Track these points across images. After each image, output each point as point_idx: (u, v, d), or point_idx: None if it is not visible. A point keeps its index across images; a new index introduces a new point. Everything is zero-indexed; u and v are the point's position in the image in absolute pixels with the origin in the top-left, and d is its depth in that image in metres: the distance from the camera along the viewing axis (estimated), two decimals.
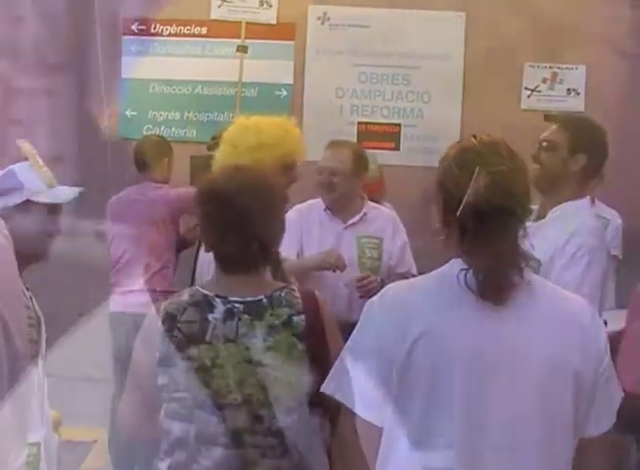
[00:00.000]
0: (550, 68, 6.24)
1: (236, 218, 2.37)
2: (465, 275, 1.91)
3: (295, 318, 2.36)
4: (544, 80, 6.25)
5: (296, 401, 2.33)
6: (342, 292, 3.92)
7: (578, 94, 6.22)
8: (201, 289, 2.42)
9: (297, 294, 2.41)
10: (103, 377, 4.80)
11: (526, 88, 6.25)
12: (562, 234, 2.98)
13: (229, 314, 2.34)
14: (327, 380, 2.05)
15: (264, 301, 2.37)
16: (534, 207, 2.87)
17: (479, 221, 1.90)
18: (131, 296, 5.01)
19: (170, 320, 2.35)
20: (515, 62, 6.15)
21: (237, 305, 2.35)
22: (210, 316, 2.34)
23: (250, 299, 2.37)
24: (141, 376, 2.41)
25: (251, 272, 2.42)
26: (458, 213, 1.90)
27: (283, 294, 2.40)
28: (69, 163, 6.17)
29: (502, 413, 1.90)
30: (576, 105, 6.18)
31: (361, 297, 3.79)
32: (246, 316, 2.34)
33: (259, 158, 3.04)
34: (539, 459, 1.93)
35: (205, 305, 2.36)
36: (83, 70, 6.31)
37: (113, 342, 4.96)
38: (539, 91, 6.25)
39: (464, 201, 1.89)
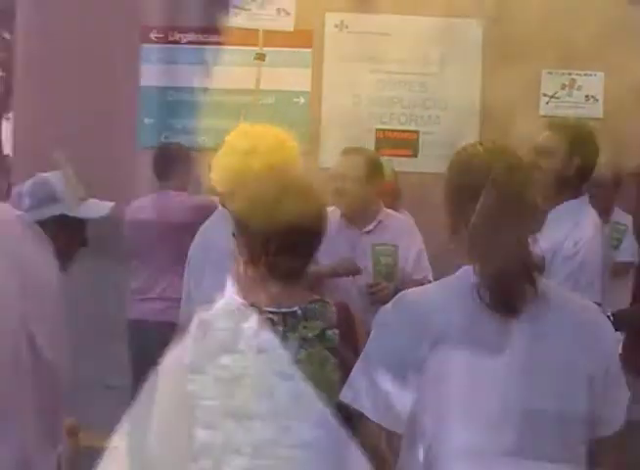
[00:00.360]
0: (568, 74, 6.23)
1: (288, 229, 2.31)
2: (477, 289, 1.91)
3: (328, 332, 2.34)
4: (563, 87, 6.24)
5: (324, 415, 2.29)
6: (355, 299, 3.86)
7: (597, 100, 6.20)
8: (237, 297, 2.39)
9: (333, 307, 2.40)
10: (121, 384, 4.80)
11: (545, 95, 6.24)
12: (562, 230, 3.11)
13: (262, 325, 2.32)
14: (345, 388, 2.05)
15: (299, 312, 2.35)
16: None
17: (489, 232, 1.90)
18: (150, 303, 5.02)
19: (204, 327, 2.34)
20: (533, 68, 6.14)
21: (271, 315, 2.33)
22: (244, 326, 2.32)
23: (284, 310, 2.34)
24: (173, 384, 2.40)
25: (290, 283, 2.38)
26: (470, 224, 1.91)
27: (317, 306, 2.38)
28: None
29: (518, 420, 1.91)
30: (595, 111, 6.16)
31: (373, 303, 3.77)
32: (279, 328, 2.33)
33: (250, 163, 3.03)
34: (555, 461, 1.93)
35: (239, 313, 2.34)
36: None
37: (130, 348, 4.97)
38: (558, 98, 6.23)
39: (476, 212, 1.90)
